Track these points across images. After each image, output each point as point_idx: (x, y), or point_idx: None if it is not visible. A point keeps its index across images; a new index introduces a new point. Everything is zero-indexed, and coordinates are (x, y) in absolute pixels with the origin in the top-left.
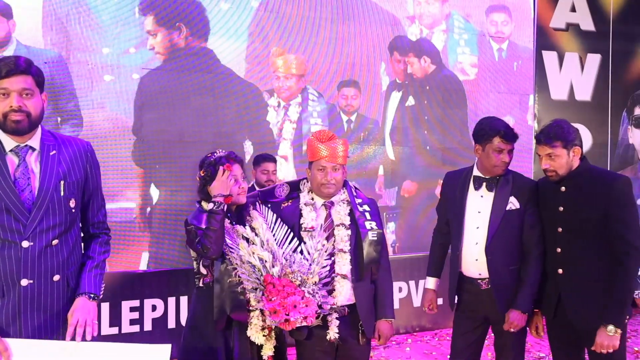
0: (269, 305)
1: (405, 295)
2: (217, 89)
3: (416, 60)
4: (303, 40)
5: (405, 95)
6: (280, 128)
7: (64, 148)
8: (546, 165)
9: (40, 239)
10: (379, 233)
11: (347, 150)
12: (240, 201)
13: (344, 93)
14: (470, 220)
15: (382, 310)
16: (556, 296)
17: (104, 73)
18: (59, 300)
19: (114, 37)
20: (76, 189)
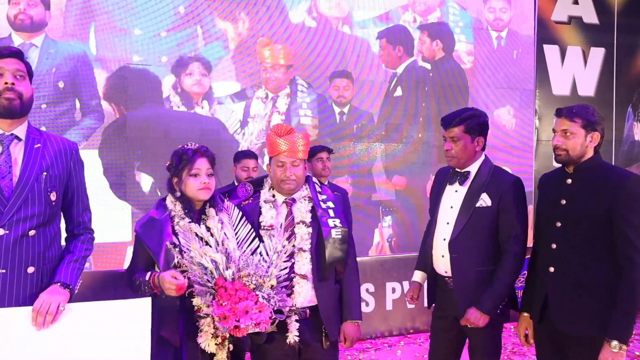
0: (219, 311)
1: (398, 296)
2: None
3: (429, 40)
4: (290, 30)
5: (402, 86)
6: (268, 120)
7: (49, 143)
8: (558, 141)
9: (17, 227)
10: (344, 231)
11: (308, 145)
12: (200, 197)
13: (336, 84)
14: (442, 215)
15: (347, 311)
16: (542, 297)
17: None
18: (31, 295)
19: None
20: (58, 182)
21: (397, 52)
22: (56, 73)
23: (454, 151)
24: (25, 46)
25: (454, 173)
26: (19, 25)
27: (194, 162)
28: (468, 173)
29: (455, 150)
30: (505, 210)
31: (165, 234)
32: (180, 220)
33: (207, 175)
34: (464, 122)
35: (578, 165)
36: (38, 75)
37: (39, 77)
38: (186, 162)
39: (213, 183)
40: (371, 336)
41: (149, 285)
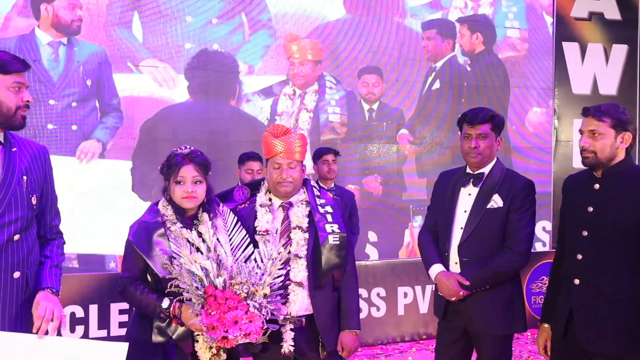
0: (207, 321)
1: (410, 301)
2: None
3: (469, 33)
4: (320, 24)
5: (441, 80)
6: (296, 118)
7: (23, 147)
8: (585, 142)
9: (2, 232)
10: (342, 236)
11: (305, 146)
12: (183, 205)
13: (365, 80)
14: (458, 219)
15: (345, 320)
16: (567, 310)
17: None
18: (17, 299)
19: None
20: (37, 186)
21: (445, 45)
22: (84, 71)
23: (481, 148)
24: (55, 44)
25: (465, 175)
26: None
27: (180, 169)
28: (482, 174)
29: (482, 148)
30: (514, 210)
31: (156, 239)
32: (171, 225)
33: (194, 182)
34: (492, 119)
35: (607, 168)
36: (67, 74)
37: (68, 75)
38: (173, 168)
39: (200, 191)
40: (382, 342)
41: (167, 314)
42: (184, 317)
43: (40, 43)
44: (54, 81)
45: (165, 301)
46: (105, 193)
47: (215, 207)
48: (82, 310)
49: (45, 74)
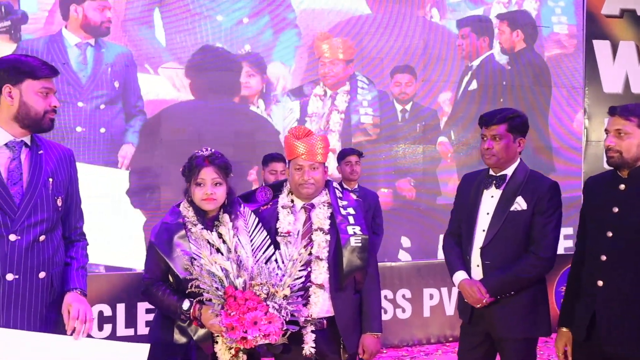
0: (226, 321)
1: (437, 302)
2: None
3: (508, 30)
4: (350, 22)
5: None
6: (327, 119)
7: (49, 150)
8: (611, 142)
9: (28, 233)
10: (364, 238)
11: (328, 148)
12: (203, 207)
13: (397, 80)
14: (480, 222)
15: (367, 323)
16: (590, 313)
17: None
18: (42, 299)
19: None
20: (62, 188)
21: (481, 43)
22: (112, 73)
23: (495, 149)
24: (82, 46)
25: (488, 177)
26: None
27: (200, 171)
28: (504, 176)
29: (496, 149)
30: (539, 213)
31: (177, 240)
32: (192, 226)
33: (214, 184)
34: (507, 120)
35: (634, 169)
36: (95, 76)
37: (96, 77)
38: (193, 170)
39: (220, 193)
40: (407, 343)
41: (188, 315)
42: (203, 318)
43: (68, 44)
44: (82, 83)
45: (185, 303)
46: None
47: (237, 208)
48: (110, 309)
49: (73, 76)
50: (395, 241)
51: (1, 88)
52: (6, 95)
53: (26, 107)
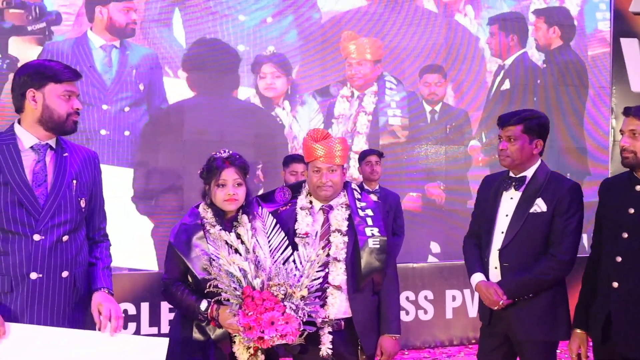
0: (244, 321)
1: (459, 304)
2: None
3: (545, 26)
4: (378, 22)
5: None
6: (354, 121)
7: (74, 152)
8: (626, 142)
9: (52, 233)
10: (382, 240)
11: (346, 150)
12: (225, 208)
13: (426, 80)
14: (499, 224)
15: (385, 324)
16: (605, 314)
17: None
18: (65, 298)
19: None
20: (86, 190)
21: (510, 41)
22: (137, 75)
23: (509, 151)
24: (107, 48)
25: (507, 178)
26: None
27: (221, 173)
28: (524, 178)
29: (510, 150)
30: (559, 215)
31: (195, 241)
32: (211, 227)
33: (235, 185)
34: (523, 121)
35: None
36: (120, 78)
37: (121, 80)
38: (214, 172)
39: (241, 193)
40: (429, 345)
41: (205, 315)
42: (221, 318)
43: (93, 46)
44: (107, 86)
45: (203, 303)
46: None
47: (255, 209)
48: (134, 308)
49: (98, 79)
50: (424, 246)
51: (25, 92)
52: (30, 100)
53: (49, 111)
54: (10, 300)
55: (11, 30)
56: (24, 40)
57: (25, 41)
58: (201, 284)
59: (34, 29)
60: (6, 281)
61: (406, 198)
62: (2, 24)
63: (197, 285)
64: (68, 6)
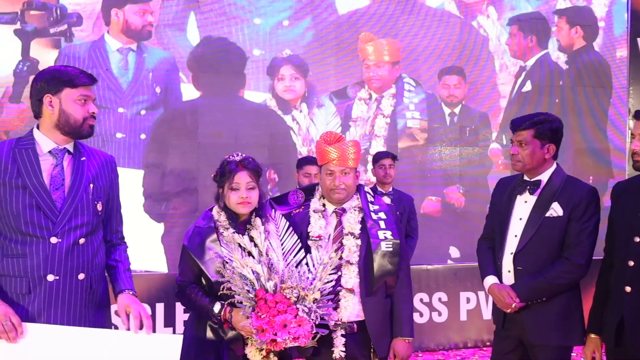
0: (257, 323)
1: (474, 306)
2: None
3: (567, 27)
4: (397, 23)
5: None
6: (371, 124)
7: (92, 156)
8: (637, 146)
9: (69, 236)
10: (395, 243)
11: (359, 153)
12: (238, 211)
13: (445, 82)
14: (513, 227)
15: (398, 327)
16: (618, 319)
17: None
18: (82, 300)
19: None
20: (103, 193)
21: (529, 43)
22: (153, 78)
23: (520, 155)
24: (124, 51)
25: (522, 182)
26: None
27: (234, 176)
28: (539, 182)
29: (522, 155)
30: (575, 219)
31: (209, 244)
32: (224, 230)
33: (248, 188)
34: (534, 125)
35: None
36: (136, 81)
37: (137, 83)
38: (227, 175)
39: (254, 196)
40: (444, 347)
41: (219, 318)
42: (234, 321)
43: (109, 49)
44: (123, 89)
45: (216, 305)
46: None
47: (268, 211)
48: (150, 308)
49: (114, 82)
50: (443, 251)
51: (42, 98)
52: (47, 105)
53: (66, 115)
54: (28, 301)
55: (33, 33)
56: (44, 43)
57: (45, 44)
58: (214, 286)
59: (56, 31)
60: (24, 283)
61: (425, 202)
62: (24, 27)
63: (211, 287)
64: (85, 8)
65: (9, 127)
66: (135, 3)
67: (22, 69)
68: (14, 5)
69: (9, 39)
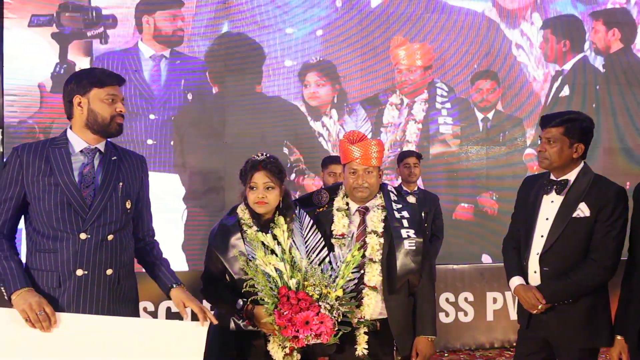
0: (279, 320)
1: (500, 306)
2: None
3: (604, 29)
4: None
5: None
6: (403, 129)
7: (123, 157)
8: None
9: (97, 232)
10: (418, 242)
11: (382, 152)
12: (256, 210)
13: (479, 86)
14: (539, 227)
15: (420, 326)
16: None
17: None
18: (109, 294)
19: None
20: (132, 192)
21: (563, 47)
22: (185, 85)
23: (547, 153)
24: (156, 58)
25: (549, 182)
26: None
27: (253, 175)
28: (566, 181)
29: (549, 152)
30: (603, 220)
31: (233, 242)
32: (248, 228)
33: (266, 188)
34: (564, 124)
35: None
36: (168, 88)
37: (169, 90)
38: (247, 174)
39: (272, 196)
40: (470, 348)
41: (241, 315)
42: (257, 317)
43: (142, 56)
44: (154, 95)
45: (239, 302)
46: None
47: (292, 210)
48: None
49: (146, 89)
50: (475, 258)
51: (72, 99)
52: (77, 105)
53: (94, 114)
54: (58, 294)
55: (71, 36)
56: (80, 46)
57: (81, 47)
58: (238, 283)
59: (93, 34)
60: (54, 277)
61: (458, 208)
62: (62, 30)
63: (234, 284)
64: (118, 11)
65: (46, 126)
66: (165, 9)
67: (59, 71)
68: (49, 7)
69: (46, 41)
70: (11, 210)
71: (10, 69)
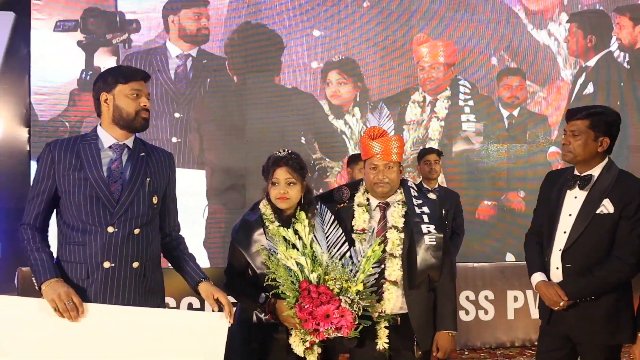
0: (300, 314)
1: (521, 305)
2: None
3: (630, 24)
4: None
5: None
6: (426, 127)
7: (150, 152)
8: None
9: (125, 226)
10: (439, 237)
11: (403, 147)
12: (277, 205)
13: (507, 83)
14: (562, 223)
15: (441, 321)
16: None
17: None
18: (135, 287)
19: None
20: (159, 188)
21: (588, 42)
22: (210, 84)
23: (572, 146)
24: (183, 57)
25: (572, 177)
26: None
27: (275, 171)
28: (589, 177)
29: (573, 146)
30: (627, 217)
31: (255, 236)
32: (270, 224)
33: (287, 184)
34: (590, 117)
35: None
36: (193, 87)
37: (194, 89)
38: (269, 170)
39: (293, 192)
40: (490, 346)
41: (263, 309)
42: (278, 311)
43: (170, 55)
44: (180, 93)
45: (261, 296)
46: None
47: (314, 206)
48: (199, 302)
49: (172, 87)
50: (499, 257)
51: (99, 97)
52: (103, 102)
53: (119, 110)
54: (87, 286)
55: (96, 43)
56: (105, 51)
57: (106, 52)
58: (260, 278)
59: (118, 41)
60: (83, 269)
61: (480, 207)
62: (87, 38)
63: (257, 279)
64: (141, 15)
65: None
66: (190, 7)
67: (85, 77)
68: (74, 12)
69: (72, 46)
70: (43, 203)
71: (37, 69)
